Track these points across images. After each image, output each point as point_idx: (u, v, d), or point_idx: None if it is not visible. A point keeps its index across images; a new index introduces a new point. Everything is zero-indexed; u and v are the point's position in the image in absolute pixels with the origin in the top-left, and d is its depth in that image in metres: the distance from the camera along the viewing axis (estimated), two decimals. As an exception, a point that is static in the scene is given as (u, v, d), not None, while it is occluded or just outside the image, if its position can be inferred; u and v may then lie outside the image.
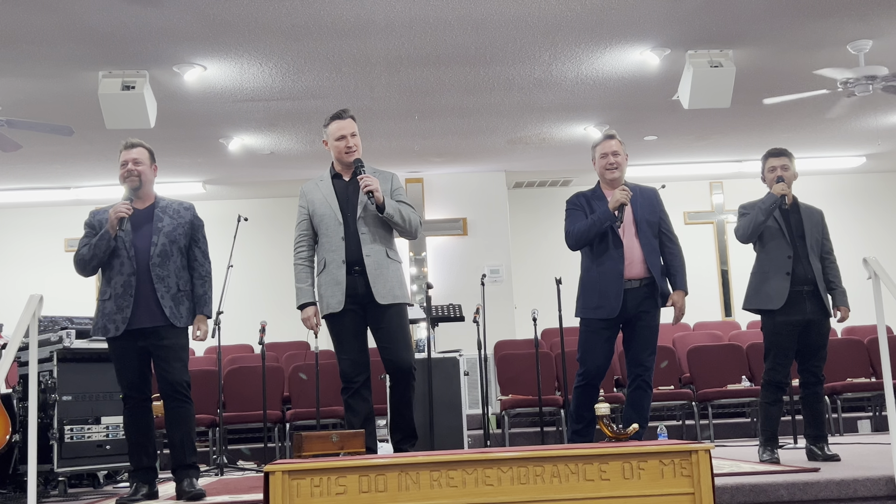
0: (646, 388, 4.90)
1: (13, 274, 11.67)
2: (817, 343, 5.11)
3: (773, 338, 5.10)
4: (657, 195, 5.09)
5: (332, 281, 4.61)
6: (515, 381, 8.40)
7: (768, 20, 6.99)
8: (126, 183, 4.63)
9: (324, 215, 4.69)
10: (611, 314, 4.83)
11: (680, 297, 4.97)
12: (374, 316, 4.63)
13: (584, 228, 4.88)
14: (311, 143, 9.77)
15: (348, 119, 4.74)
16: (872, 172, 12.29)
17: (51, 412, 5.54)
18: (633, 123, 9.59)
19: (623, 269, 4.84)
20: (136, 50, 6.96)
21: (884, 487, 4.01)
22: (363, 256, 4.58)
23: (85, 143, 9.18)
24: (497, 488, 3.27)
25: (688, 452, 3.32)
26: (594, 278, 4.91)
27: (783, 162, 5.21)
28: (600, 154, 5.03)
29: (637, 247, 4.90)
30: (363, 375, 4.65)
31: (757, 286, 5.16)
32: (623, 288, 4.83)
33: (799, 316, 5.04)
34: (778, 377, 5.10)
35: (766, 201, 5.08)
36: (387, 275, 4.60)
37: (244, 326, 9.62)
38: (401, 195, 4.77)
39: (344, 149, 4.70)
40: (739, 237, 5.21)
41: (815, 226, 5.19)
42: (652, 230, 4.96)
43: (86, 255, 4.59)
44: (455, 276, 11.09)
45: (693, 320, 11.08)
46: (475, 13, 6.66)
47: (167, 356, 4.55)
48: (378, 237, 4.63)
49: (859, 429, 8.34)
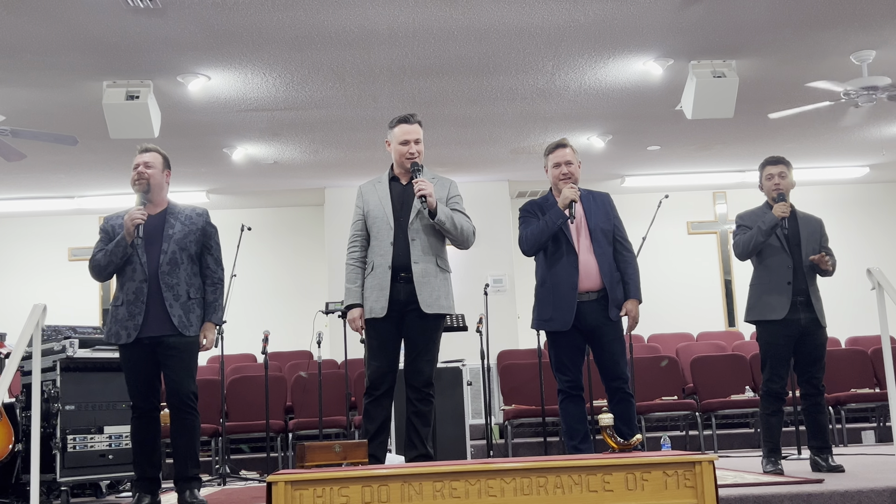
0: (629, 399, 4.81)
1: (17, 283, 11.67)
2: (814, 353, 5.10)
3: (770, 348, 5.11)
4: (610, 200, 4.98)
5: (377, 285, 4.55)
6: (518, 391, 8.38)
7: (771, 31, 7.00)
8: (135, 186, 4.62)
9: (377, 217, 4.63)
10: (564, 327, 4.72)
11: (634, 306, 4.83)
12: (412, 324, 4.57)
13: (537, 231, 4.78)
14: (315, 153, 9.79)
15: (415, 124, 4.66)
16: (876, 183, 12.29)
17: (54, 421, 5.54)
18: (637, 133, 9.60)
19: (577, 280, 4.73)
20: (140, 60, 6.99)
21: (888, 499, 4.00)
22: (411, 263, 4.52)
23: (89, 153, 9.19)
24: (500, 499, 3.26)
25: (691, 463, 3.31)
26: (548, 290, 4.81)
27: (781, 170, 5.20)
28: (553, 163, 4.91)
29: (592, 259, 4.78)
30: (387, 385, 4.58)
31: (758, 297, 5.15)
32: (576, 300, 4.72)
33: (795, 326, 5.05)
34: (776, 387, 5.10)
35: (767, 222, 5.07)
36: (434, 283, 4.55)
37: (247, 336, 9.61)
38: (457, 203, 4.70)
39: (406, 153, 4.61)
40: (738, 254, 5.21)
41: (812, 235, 5.18)
42: (606, 238, 4.85)
43: (101, 261, 4.57)
44: (458, 286, 10.95)
45: (696, 330, 11.07)
46: (478, 23, 6.68)
47: (176, 366, 4.53)
48: (429, 244, 4.57)
49: (863, 439, 8.31)
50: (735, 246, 5.22)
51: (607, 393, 4.85)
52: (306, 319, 9.03)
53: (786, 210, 5.06)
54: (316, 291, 11.53)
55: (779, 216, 5.05)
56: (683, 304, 11.60)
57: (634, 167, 11.06)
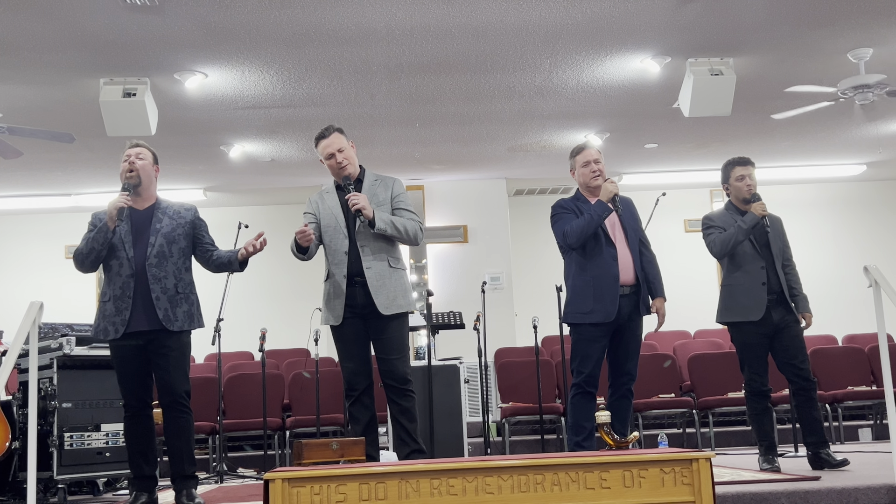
0: (629, 397, 4.89)
1: (13, 281, 11.66)
2: (793, 345, 5.12)
3: (746, 348, 5.15)
4: (633, 204, 5.11)
5: (334, 293, 4.64)
6: (516, 388, 8.38)
7: (769, 28, 7.01)
8: (126, 179, 4.60)
9: (328, 226, 4.71)
10: (606, 318, 4.79)
11: (661, 304, 4.99)
12: (375, 326, 4.63)
13: (584, 223, 4.84)
14: (312, 151, 9.71)
15: (332, 135, 4.74)
16: (873, 181, 12.29)
17: (51, 419, 5.53)
18: (634, 131, 9.60)
19: (618, 273, 4.83)
20: (137, 57, 6.98)
21: (885, 496, 4.00)
22: (363, 269, 4.59)
23: (86, 151, 9.18)
24: (497, 496, 3.26)
25: (688, 461, 3.31)
26: (587, 282, 4.87)
27: (750, 171, 5.23)
28: (582, 163, 5.02)
29: (628, 253, 4.91)
30: (364, 383, 4.66)
31: (731, 298, 5.16)
32: (619, 292, 4.82)
33: (768, 325, 5.09)
34: (758, 385, 5.15)
35: (748, 221, 5.08)
36: (389, 285, 4.61)
37: (244, 334, 9.61)
38: (401, 201, 4.76)
39: (336, 166, 4.71)
40: (715, 253, 5.22)
41: (778, 234, 5.23)
42: (636, 237, 5.00)
43: (83, 248, 4.56)
44: (455, 284, 11.09)
45: (693, 328, 11.07)
46: (476, 21, 6.67)
47: (167, 364, 4.51)
48: (379, 248, 4.64)
49: (860, 437, 8.33)
50: (711, 244, 5.22)
51: (611, 388, 4.93)
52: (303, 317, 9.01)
53: (766, 209, 5.09)
54: (313, 289, 11.47)
55: (759, 214, 5.07)
56: (680, 302, 11.57)
57: (632, 165, 11.06)
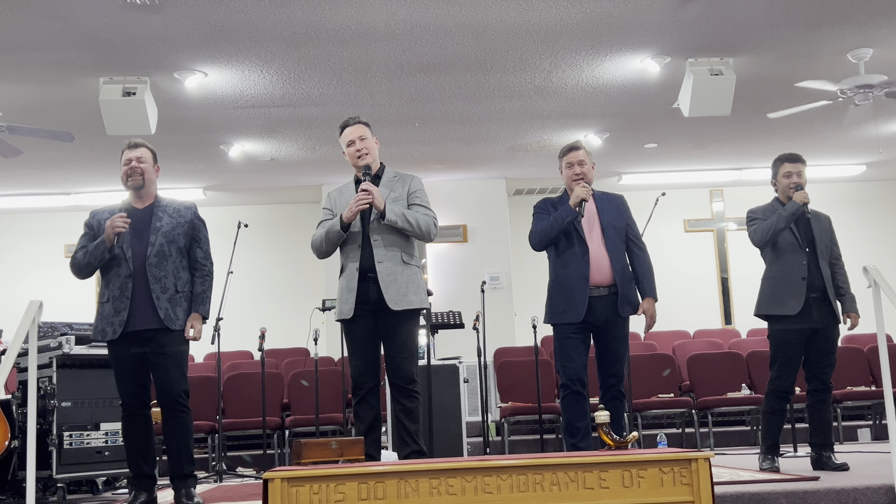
0: (621, 398, 4.85)
1: (13, 280, 11.67)
2: (825, 349, 5.06)
3: (781, 346, 5.06)
4: (624, 202, 5.05)
5: (346, 287, 4.59)
6: (515, 388, 8.38)
7: (769, 29, 7.00)
8: (129, 182, 4.59)
9: None
10: (576, 318, 4.76)
11: (650, 305, 4.92)
12: (385, 323, 4.58)
13: (546, 226, 4.85)
14: (312, 150, 9.78)
15: (355, 125, 4.73)
16: (873, 181, 12.30)
17: (50, 418, 5.53)
18: (634, 131, 9.60)
19: (588, 273, 4.79)
20: (137, 56, 6.97)
21: (884, 497, 4.00)
22: (375, 263, 4.55)
23: (86, 149, 9.18)
24: (496, 496, 3.26)
25: (687, 461, 3.31)
26: (560, 282, 4.87)
27: (799, 168, 5.15)
28: (566, 164, 4.98)
29: (604, 253, 4.84)
30: (370, 382, 4.62)
31: (771, 292, 5.09)
32: (588, 294, 4.78)
33: (808, 324, 5.01)
34: (783, 385, 5.06)
35: (789, 209, 5.02)
36: (400, 280, 4.55)
37: (244, 333, 9.60)
38: (417, 196, 4.73)
39: (354, 153, 4.69)
40: (756, 241, 5.14)
41: (824, 231, 5.15)
42: (619, 236, 4.92)
43: (81, 260, 4.56)
44: (455, 283, 11.09)
45: (693, 328, 11.07)
46: (475, 21, 6.67)
47: (165, 364, 4.50)
48: (391, 242, 4.59)
49: (859, 437, 8.33)
50: (752, 233, 5.14)
51: (601, 390, 4.89)
52: (303, 316, 9.01)
53: (807, 197, 5.03)
54: (313, 288, 11.53)
55: (800, 202, 5.00)
56: (680, 302, 11.58)
57: (631, 165, 11.06)
